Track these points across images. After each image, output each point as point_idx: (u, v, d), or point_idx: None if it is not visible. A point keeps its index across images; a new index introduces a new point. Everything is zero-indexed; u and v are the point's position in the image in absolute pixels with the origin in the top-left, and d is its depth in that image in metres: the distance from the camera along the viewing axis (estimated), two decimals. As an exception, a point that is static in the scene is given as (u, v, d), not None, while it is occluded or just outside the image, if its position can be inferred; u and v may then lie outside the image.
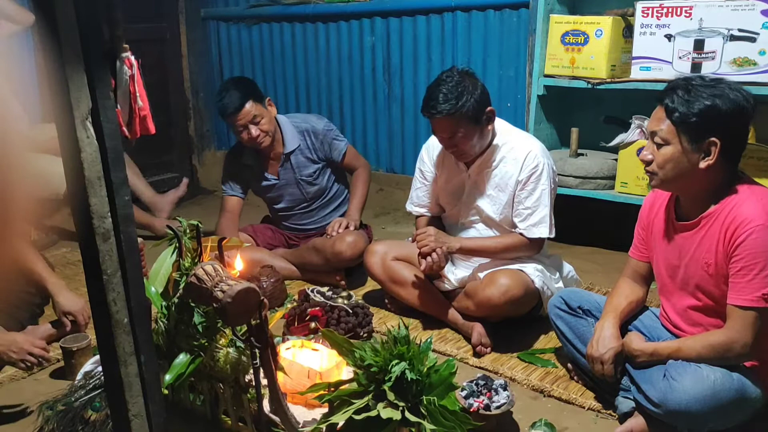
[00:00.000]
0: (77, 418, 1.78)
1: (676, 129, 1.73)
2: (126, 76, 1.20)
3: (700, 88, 1.71)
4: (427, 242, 2.37)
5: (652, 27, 2.92)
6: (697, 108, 1.69)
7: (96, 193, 0.93)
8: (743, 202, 1.71)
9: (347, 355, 1.62)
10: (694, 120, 1.69)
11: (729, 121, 1.70)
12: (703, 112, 1.69)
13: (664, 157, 1.76)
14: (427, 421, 1.50)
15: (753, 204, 1.70)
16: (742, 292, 1.68)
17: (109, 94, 0.94)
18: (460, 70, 2.37)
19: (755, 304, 1.66)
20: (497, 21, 3.69)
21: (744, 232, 1.67)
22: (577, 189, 3.20)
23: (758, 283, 1.66)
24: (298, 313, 2.53)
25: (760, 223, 1.66)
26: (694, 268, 1.83)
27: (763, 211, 1.68)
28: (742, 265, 1.68)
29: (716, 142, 1.70)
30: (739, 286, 1.69)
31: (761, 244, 1.66)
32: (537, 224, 2.42)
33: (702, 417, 1.72)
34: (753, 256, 1.66)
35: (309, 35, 4.45)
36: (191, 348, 1.70)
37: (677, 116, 1.72)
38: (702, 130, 1.70)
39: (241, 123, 2.92)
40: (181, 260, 1.74)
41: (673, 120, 1.73)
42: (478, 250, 2.49)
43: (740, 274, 1.68)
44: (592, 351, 1.93)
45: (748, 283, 1.67)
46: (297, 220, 3.23)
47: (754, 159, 2.75)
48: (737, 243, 1.69)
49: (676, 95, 1.73)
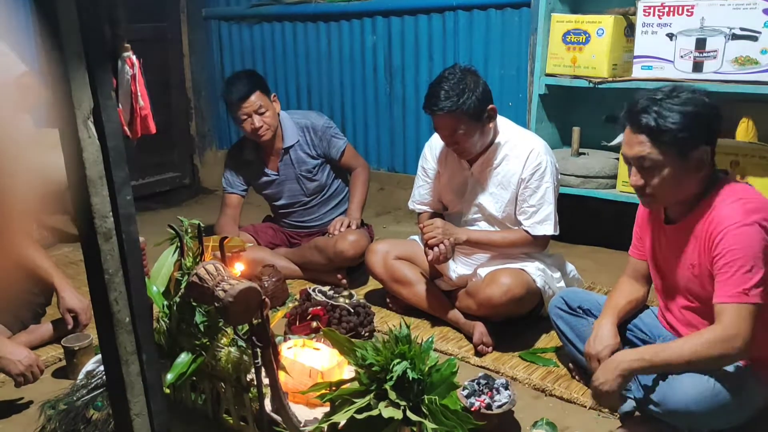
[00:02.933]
0: (79, 417, 1.78)
1: (665, 150, 1.69)
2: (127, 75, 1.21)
3: (668, 101, 1.69)
4: (434, 234, 2.37)
5: (653, 26, 2.91)
6: (680, 122, 1.66)
7: (98, 193, 0.93)
8: (722, 201, 1.73)
9: (349, 355, 1.62)
10: (682, 135, 1.67)
11: (710, 124, 1.71)
12: (687, 125, 1.67)
13: (661, 179, 1.73)
14: (429, 421, 1.50)
15: (731, 203, 1.71)
16: (724, 289, 1.68)
17: (111, 93, 0.94)
18: (462, 68, 2.37)
19: (738, 300, 1.66)
20: (499, 20, 3.69)
21: (722, 231, 1.68)
22: (579, 188, 3.20)
23: (738, 279, 1.66)
24: (300, 313, 2.53)
25: (738, 220, 1.67)
26: (682, 269, 1.84)
27: (741, 209, 1.68)
28: (723, 263, 1.68)
29: (707, 149, 1.71)
30: (722, 283, 1.69)
31: (739, 241, 1.66)
32: (542, 222, 2.42)
33: (702, 417, 1.72)
34: (732, 254, 1.66)
35: (310, 34, 4.45)
36: (193, 347, 1.71)
37: (665, 137, 1.68)
38: (690, 142, 1.69)
39: (245, 112, 2.94)
40: (183, 259, 1.74)
41: (662, 141, 1.69)
42: (484, 242, 2.49)
43: (722, 272, 1.69)
44: (589, 348, 1.94)
45: (728, 279, 1.67)
46: (297, 217, 3.24)
47: (756, 158, 2.75)
48: (717, 242, 1.70)
49: (652, 115, 1.68)
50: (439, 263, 2.44)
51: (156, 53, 4.66)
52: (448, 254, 2.38)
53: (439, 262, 2.41)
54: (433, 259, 2.39)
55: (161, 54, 4.73)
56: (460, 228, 2.51)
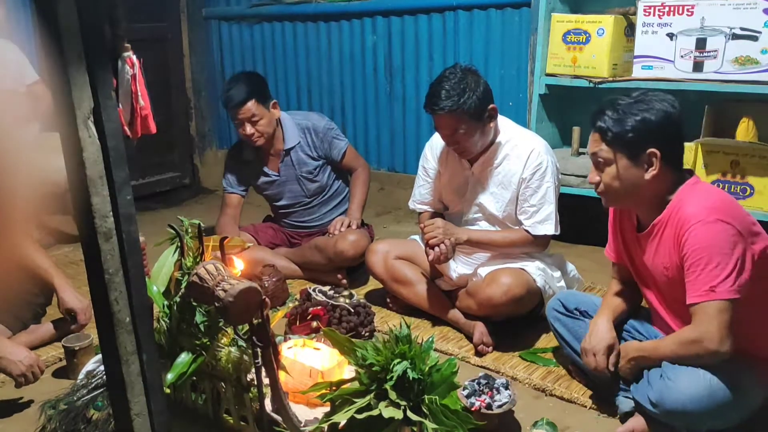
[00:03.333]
0: (79, 417, 1.78)
1: (614, 148, 1.79)
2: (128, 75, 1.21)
3: (626, 106, 1.78)
4: (435, 233, 2.37)
5: (654, 26, 2.91)
6: (629, 125, 1.76)
7: (98, 193, 0.93)
8: (686, 202, 1.75)
9: (349, 354, 1.62)
10: (630, 136, 1.76)
11: (661, 130, 1.76)
12: (635, 128, 1.75)
13: (610, 176, 1.83)
14: (429, 421, 1.51)
15: (695, 202, 1.73)
16: (693, 289, 1.69)
17: (111, 93, 0.94)
18: (463, 67, 2.37)
19: (706, 297, 1.66)
20: (499, 20, 3.69)
21: (686, 230, 1.71)
22: (579, 188, 3.20)
23: (705, 278, 1.67)
24: (300, 312, 2.53)
25: (701, 219, 1.69)
26: (657, 273, 1.86)
27: (703, 207, 1.70)
28: (690, 262, 1.70)
29: (656, 152, 1.75)
30: (691, 283, 1.70)
31: (702, 239, 1.67)
32: (543, 221, 2.42)
33: (699, 416, 1.72)
34: (697, 252, 1.68)
35: (311, 34, 4.45)
36: (193, 347, 1.71)
37: (611, 136, 1.78)
38: (638, 144, 1.76)
39: (240, 119, 2.97)
40: (183, 259, 1.74)
41: (608, 140, 1.79)
42: (485, 242, 2.49)
43: (689, 272, 1.70)
44: (585, 344, 1.96)
45: (696, 278, 1.68)
46: (298, 217, 3.24)
47: (756, 158, 2.75)
48: (683, 242, 1.72)
49: (606, 116, 1.80)
50: (439, 263, 2.44)
51: (156, 53, 4.66)
52: (448, 254, 2.38)
53: (440, 262, 2.41)
54: (434, 259, 2.39)
55: (161, 54, 4.73)
56: (461, 228, 2.50)
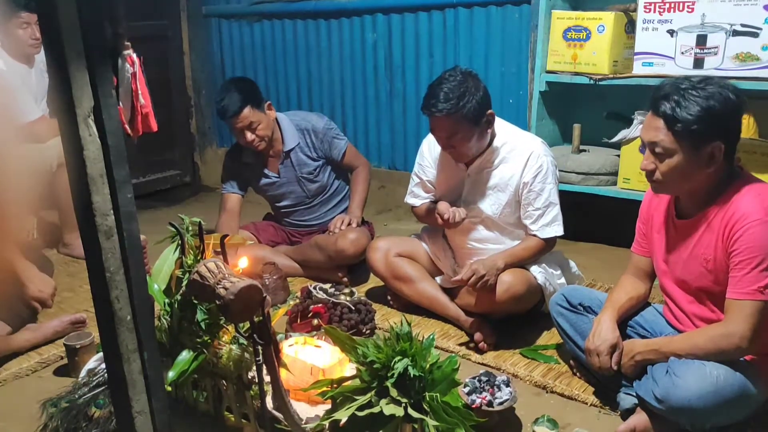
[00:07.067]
0: (81, 415, 1.79)
1: (678, 139, 1.71)
2: (128, 73, 1.21)
3: (692, 92, 1.70)
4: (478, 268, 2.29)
5: (654, 22, 2.91)
6: (696, 115, 1.67)
7: (98, 191, 0.93)
8: (742, 197, 1.73)
9: (350, 352, 1.62)
10: (696, 128, 1.68)
11: (727, 122, 1.72)
12: (703, 119, 1.68)
13: (669, 167, 1.74)
14: (430, 418, 1.51)
15: (751, 199, 1.71)
16: (738, 285, 1.70)
17: (111, 91, 0.93)
18: (463, 71, 2.35)
19: (751, 297, 1.67)
20: (499, 17, 3.68)
21: (742, 227, 1.69)
22: (580, 185, 3.20)
23: (754, 277, 1.67)
24: (301, 310, 2.53)
25: (758, 217, 1.68)
26: (693, 264, 1.84)
27: (761, 207, 1.69)
28: (740, 259, 1.69)
29: (720, 146, 1.71)
30: (736, 279, 1.70)
31: (759, 238, 1.67)
32: (550, 223, 2.42)
33: (704, 413, 1.72)
34: (751, 251, 1.67)
35: (311, 32, 4.45)
36: (194, 345, 1.71)
37: (679, 127, 1.69)
38: (704, 136, 1.70)
39: (238, 127, 2.97)
40: (184, 257, 1.74)
41: (675, 130, 1.71)
42: (516, 261, 2.42)
43: (738, 268, 1.70)
44: (588, 344, 1.95)
45: (744, 276, 1.68)
46: (299, 216, 3.24)
47: (758, 155, 2.74)
48: (736, 238, 1.70)
49: (671, 103, 1.70)
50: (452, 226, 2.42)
51: (156, 51, 4.66)
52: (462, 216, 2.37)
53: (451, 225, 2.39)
54: (450, 217, 2.36)
55: (161, 52, 4.73)
56: (492, 257, 2.41)
